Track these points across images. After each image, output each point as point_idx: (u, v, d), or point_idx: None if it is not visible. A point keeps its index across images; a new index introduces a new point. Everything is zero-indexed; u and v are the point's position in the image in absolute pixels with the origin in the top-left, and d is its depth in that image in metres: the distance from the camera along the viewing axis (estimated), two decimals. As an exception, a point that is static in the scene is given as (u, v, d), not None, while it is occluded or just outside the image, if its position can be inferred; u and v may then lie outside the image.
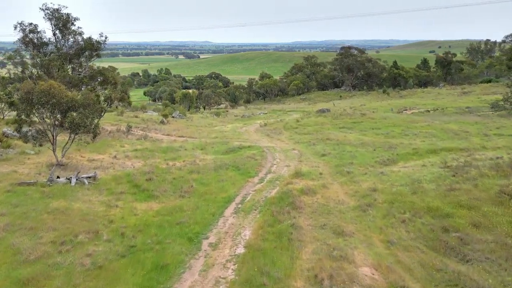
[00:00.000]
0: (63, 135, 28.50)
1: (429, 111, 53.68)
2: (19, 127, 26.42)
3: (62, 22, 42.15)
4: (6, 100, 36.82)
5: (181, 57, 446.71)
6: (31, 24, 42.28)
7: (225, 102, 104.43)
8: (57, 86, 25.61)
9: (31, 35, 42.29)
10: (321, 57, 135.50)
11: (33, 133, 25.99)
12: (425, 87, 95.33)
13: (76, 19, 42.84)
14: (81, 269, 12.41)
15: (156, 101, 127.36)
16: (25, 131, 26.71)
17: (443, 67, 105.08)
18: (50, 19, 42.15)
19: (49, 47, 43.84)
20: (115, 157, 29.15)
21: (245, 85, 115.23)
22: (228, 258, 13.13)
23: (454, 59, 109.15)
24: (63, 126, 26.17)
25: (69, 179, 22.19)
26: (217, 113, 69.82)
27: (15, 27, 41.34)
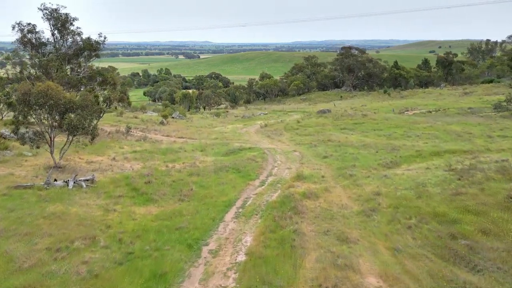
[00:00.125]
0: (61, 137, 28.10)
1: (431, 112, 53.24)
2: (16, 129, 26.00)
3: (61, 22, 41.85)
4: (5, 101, 36.39)
5: (181, 57, 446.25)
6: (30, 24, 42.00)
7: (225, 103, 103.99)
8: (55, 87, 25.20)
9: (30, 35, 41.99)
10: (321, 57, 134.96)
11: (30, 135, 25.56)
12: (426, 88, 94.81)
13: (75, 19, 42.60)
14: (77, 278, 11.99)
15: (156, 101, 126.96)
16: (23, 133, 26.29)
17: (444, 67, 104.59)
18: (49, 19, 41.84)
19: (48, 47, 43.53)
20: (114, 159, 28.78)
21: (245, 85, 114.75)
22: (229, 266, 12.70)
23: (455, 59, 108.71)
24: (61, 128, 25.76)
25: (67, 182, 21.78)
26: (217, 114, 69.41)
27: (13, 27, 41.03)
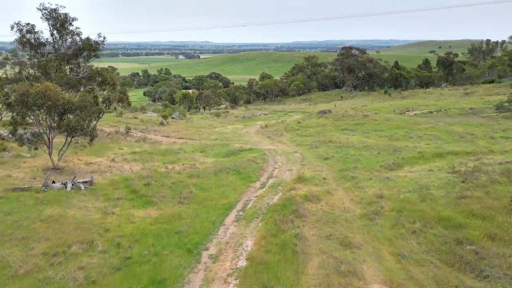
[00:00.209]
0: (60, 138, 27.80)
1: (432, 113, 52.93)
2: (14, 130, 25.70)
3: (60, 22, 41.52)
4: (4, 101, 36.10)
5: (181, 57, 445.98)
6: (28, 24, 41.65)
7: (225, 103, 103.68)
8: (53, 88, 24.92)
9: (28, 36, 41.66)
10: (321, 57, 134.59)
11: (29, 136, 25.27)
12: (427, 88, 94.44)
13: (74, 19, 42.25)
14: (74, 285, 11.70)
15: (156, 102, 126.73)
16: (21, 134, 26.00)
17: (445, 68, 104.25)
18: (48, 19, 41.51)
19: (47, 48, 43.20)
20: (113, 160, 28.50)
21: (245, 86, 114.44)
22: (229, 272, 12.40)
23: (456, 60, 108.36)
24: (60, 129, 25.46)
25: (65, 184, 21.50)
26: (217, 114, 69.10)
27: (12, 28, 40.69)
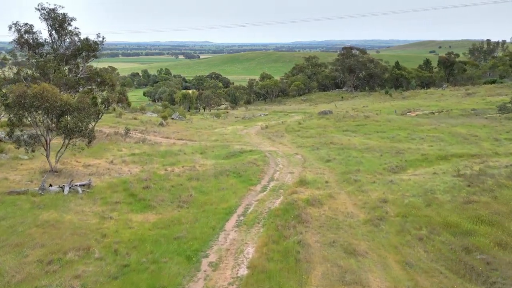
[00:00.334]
0: (59, 139, 27.40)
1: (434, 113, 52.52)
2: (11, 132, 25.27)
3: (58, 22, 41.15)
4: (2, 102, 35.69)
5: (181, 57, 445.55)
6: (27, 24, 41.27)
7: (225, 103, 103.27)
8: (51, 89, 24.51)
9: (27, 36, 41.27)
10: (322, 57, 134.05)
11: (26, 138, 24.85)
12: (428, 88, 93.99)
13: (73, 19, 41.90)
14: (69, 294, 11.29)
15: (156, 102, 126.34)
16: (18, 136, 25.59)
17: (446, 68, 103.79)
18: (46, 19, 41.14)
19: (45, 48, 42.81)
20: (112, 162, 28.09)
21: (246, 86, 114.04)
22: (230, 281, 11.99)
23: (457, 60, 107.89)
24: (58, 131, 25.05)
25: (62, 188, 21.10)
26: (217, 115, 68.70)
27: (10, 28, 40.31)
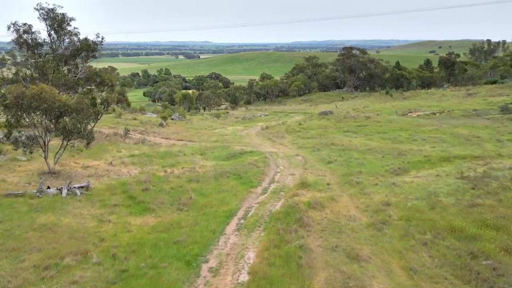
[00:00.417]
0: (57, 140, 27.14)
1: (435, 114, 52.25)
2: (9, 133, 24.99)
3: (58, 22, 40.91)
4: (1, 103, 35.41)
5: (181, 57, 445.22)
6: (25, 25, 41.02)
7: (225, 103, 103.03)
8: (49, 90, 24.25)
9: (26, 36, 41.01)
10: (322, 57, 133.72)
11: (23, 140, 24.57)
12: (429, 88, 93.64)
13: (72, 19, 41.68)
14: (65, 301, 11.02)
15: (156, 102, 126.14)
16: (16, 137, 25.31)
17: (447, 68, 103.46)
18: (45, 19, 40.90)
19: (44, 48, 42.56)
20: (111, 164, 27.83)
21: (246, 86, 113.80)
22: (231, 287, 11.73)
23: (458, 60, 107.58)
24: (56, 132, 24.78)
25: (60, 190, 20.82)
26: (217, 115, 68.43)
27: (9, 28, 40.05)
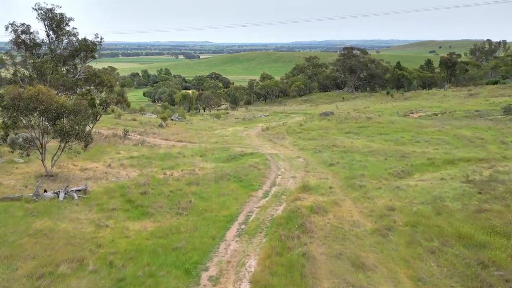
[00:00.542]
0: (56, 142, 26.72)
1: (437, 115, 51.83)
2: (6, 135, 24.57)
3: (56, 23, 40.40)
4: (-1, 103, 35.00)
5: (181, 57, 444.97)
6: (24, 25, 40.50)
7: (226, 103, 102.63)
8: (46, 92, 23.82)
9: (24, 36, 40.50)
10: (322, 58, 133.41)
11: (20, 142, 24.15)
12: (430, 89, 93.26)
13: (71, 19, 41.13)
14: (59, 313, 10.60)
15: (156, 102, 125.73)
16: (13, 139, 24.88)
17: (448, 68, 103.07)
18: (44, 20, 40.39)
19: (43, 49, 42.07)
20: (110, 166, 27.42)
21: (246, 86, 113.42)
22: (231, 298, 11.33)
23: (459, 60, 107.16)
24: (54, 134, 24.36)
25: (57, 193, 20.39)
26: (217, 116, 68.05)
27: (7, 28, 39.57)
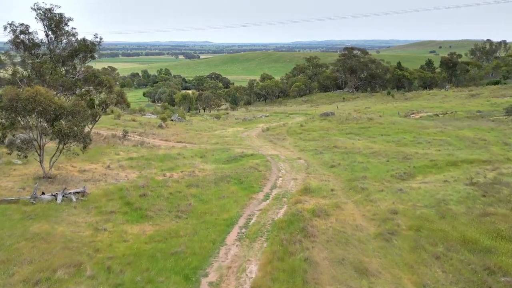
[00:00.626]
0: (54, 143, 26.46)
1: (438, 115, 51.54)
2: (3, 137, 24.30)
3: (55, 23, 40.15)
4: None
5: (181, 57, 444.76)
6: (22, 25, 40.27)
7: (226, 104, 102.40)
8: (44, 92, 23.55)
9: (22, 36, 40.27)
10: (322, 58, 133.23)
11: (18, 143, 23.89)
12: (430, 89, 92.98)
13: (70, 20, 40.88)
14: (55, 321, 10.33)
15: (156, 102, 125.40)
16: (10, 140, 24.62)
17: (449, 68, 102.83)
18: (42, 20, 40.14)
19: (42, 49, 41.83)
20: (109, 167, 27.16)
21: (246, 86, 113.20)
22: (232, 305, 11.06)
23: (460, 60, 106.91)
24: (52, 135, 24.09)
25: (55, 196, 20.12)
26: (218, 116, 67.85)
27: (5, 28, 39.30)
